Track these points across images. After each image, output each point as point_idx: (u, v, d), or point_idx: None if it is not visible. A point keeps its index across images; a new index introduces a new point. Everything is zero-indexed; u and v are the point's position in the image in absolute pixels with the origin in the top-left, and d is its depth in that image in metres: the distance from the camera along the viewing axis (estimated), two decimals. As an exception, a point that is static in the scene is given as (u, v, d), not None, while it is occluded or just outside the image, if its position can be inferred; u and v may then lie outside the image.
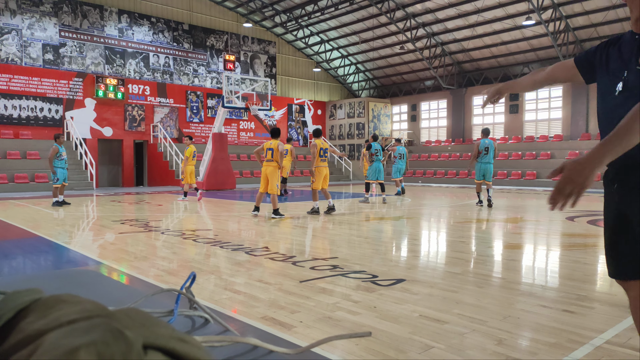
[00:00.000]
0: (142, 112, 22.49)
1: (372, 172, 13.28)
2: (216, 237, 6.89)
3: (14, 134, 19.19)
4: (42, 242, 6.59)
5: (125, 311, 0.39)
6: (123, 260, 5.23)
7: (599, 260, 5.37)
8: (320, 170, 9.86)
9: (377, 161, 13.25)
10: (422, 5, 22.19)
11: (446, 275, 4.48)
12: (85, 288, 1.06)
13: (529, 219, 9.15)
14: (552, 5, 19.63)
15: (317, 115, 30.12)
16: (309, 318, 3.18)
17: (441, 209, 11.51)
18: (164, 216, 10.05)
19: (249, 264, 4.95)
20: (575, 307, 3.40)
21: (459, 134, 26.25)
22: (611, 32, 20.43)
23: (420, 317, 3.18)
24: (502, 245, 6.40)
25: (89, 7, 21.20)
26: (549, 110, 23.39)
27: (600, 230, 7.50)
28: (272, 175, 9.14)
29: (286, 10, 25.04)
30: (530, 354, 2.60)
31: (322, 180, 9.86)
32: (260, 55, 27.26)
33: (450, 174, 23.88)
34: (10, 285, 0.97)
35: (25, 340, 0.35)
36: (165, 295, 1.15)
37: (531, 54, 23.21)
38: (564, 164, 1.51)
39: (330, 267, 4.78)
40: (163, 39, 23.38)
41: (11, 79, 19.18)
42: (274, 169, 9.15)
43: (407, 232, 7.68)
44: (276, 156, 9.12)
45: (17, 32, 19.41)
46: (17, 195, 15.53)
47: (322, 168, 9.90)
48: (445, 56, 25.29)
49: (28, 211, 10.62)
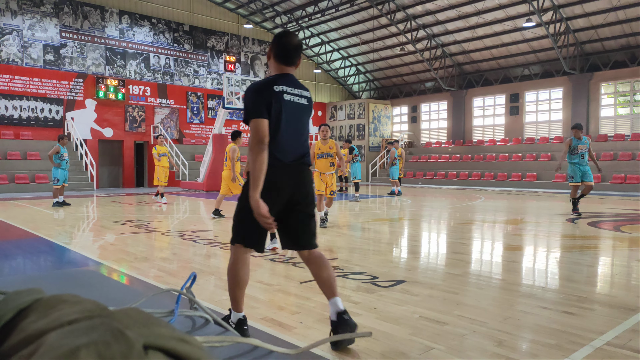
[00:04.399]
0: (142, 113, 22.50)
1: (354, 171, 15.18)
2: (216, 237, 6.88)
3: (14, 134, 19.19)
4: (43, 242, 6.59)
5: (126, 311, 0.39)
6: (123, 261, 5.23)
7: (599, 261, 5.37)
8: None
9: (357, 162, 15.24)
10: (423, 6, 22.21)
11: (446, 276, 4.48)
12: (86, 288, 1.06)
13: (529, 221, 9.14)
14: (553, 7, 19.63)
15: (317, 116, 30.12)
16: (309, 319, 3.18)
17: (441, 210, 11.50)
18: (165, 217, 10.05)
19: (249, 265, 4.95)
20: (576, 309, 3.40)
21: (460, 135, 26.25)
22: (611, 34, 20.45)
23: (421, 318, 3.18)
24: (503, 247, 6.39)
25: (90, 8, 21.22)
26: (550, 112, 23.39)
27: (600, 232, 7.50)
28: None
29: (287, 12, 25.06)
30: (530, 355, 2.60)
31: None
32: (261, 57, 27.27)
33: (451, 175, 23.88)
34: (10, 286, 0.97)
35: (26, 339, 0.35)
36: (166, 295, 1.15)
37: (531, 55, 23.21)
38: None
39: (330, 268, 4.77)
40: (164, 40, 23.40)
41: (12, 79, 19.20)
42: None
43: (407, 234, 7.68)
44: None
45: (18, 32, 19.43)
46: (17, 196, 15.54)
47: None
48: (446, 58, 25.30)
49: (28, 212, 10.62)
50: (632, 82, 20.90)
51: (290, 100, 2.70)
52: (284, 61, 2.76)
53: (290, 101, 2.69)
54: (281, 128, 2.66)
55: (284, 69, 2.77)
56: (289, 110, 2.68)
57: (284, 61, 2.76)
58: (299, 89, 2.77)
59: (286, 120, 2.67)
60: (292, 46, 2.76)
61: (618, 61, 21.18)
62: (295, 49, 2.77)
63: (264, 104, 2.61)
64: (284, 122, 2.66)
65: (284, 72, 2.77)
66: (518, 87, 24.06)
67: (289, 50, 2.74)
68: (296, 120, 2.74)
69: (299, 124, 2.77)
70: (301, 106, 2.77)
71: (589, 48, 21.70)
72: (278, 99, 2.64)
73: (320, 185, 8.12)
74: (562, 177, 20.18)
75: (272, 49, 2.79)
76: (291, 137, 2.72)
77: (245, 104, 2.67)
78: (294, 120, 2.72)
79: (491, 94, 25.15)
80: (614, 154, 19.86)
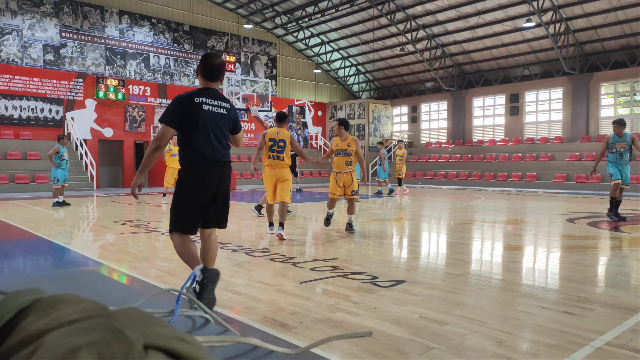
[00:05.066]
0: (142, 113, 22.50)
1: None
2: (216, 237, 6.88)
3: (14, 134, 19.20)
4: (43, 242, 6.59)
5: (126, 311, 0.39)
6: (123, 261, 5.23)
7: (599, 262, 5.37)
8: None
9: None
10: (423, 7, 22.21)
11: (446, 276, 4.48)
12: (86, 288, 1.06)
13: (529, 221, 9.14)
14: (552, 8, 19.64)
15: (317, 116, 30.13)
16: (309, 319, 3.18)
17: (441, 210, 11.50)
18: (165, 217, 10.06)
19: (250, 265, 4.95)
20: (576, 309, 3.40)
21: (459, 135, 26.26)
22: (611, 35, 20.45)
23: (421, 319, 3.18)
24: (503, 247, 6.39)
25: (90, 8, 21.22)
26: (549, 112, 23.40)
27: (600, 232, 7.50)
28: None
29: (287, 12, 25.06)
30: (530, 355, 2.60)
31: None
32: (261, 57, 27.28)
33: (451, 175, 23.88)
34: (10, 286, 0.97)
35: (26, 339, 0.35)
36: (166, 295, 1.15)
37: (531, 56, 23.22)
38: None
39: (330, 268, 4.78)
40: (164, 40, 23.40)
41: (12, 79, 19.20)
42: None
43: (407, 234, 7.68)
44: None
45: (18, 32, 19.43)
46: (17, 196, 15.54)
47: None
48: (446, 58, 25.31)
49: (28, 212, 10.62)
50: (632, 83, 20.91)
51: (209, 110, 3.33)
52: (207, 78, 3.41)
53: (209, 111, 3.33)
54: (200, 132, 3.29)
55: (208, 84, 3.43)
56: (208, 118, 3.32)
57: (208, 78, 3.41)
58: (219, 100, 3.42)
59: (205, 126, 3.31)
60: (215, 66, 3.39)
61: (618, 61, 21.19)
62: (217, 68, 3.40)
63: (180, 114, 3.28)
64: (202, 127, 3.30)
65: (208, 87, 3.42)
66: (518, 87, 24.06)
67: (212, 69, 3.39)
68: (215, 126, 3.37)
69: (218, 129, 3.39)
70: (220, 114, 3.40)
71: (589, 48, 21.70)
72: (197, 109, 3.28)
73: (334, 188, 7.36)
74: (562, 177, 20.18)
75: (198, 67, 3.41)
76: (211, 139, 3.35)
77: (167, 107, 3.33)
78: (213, 126, 3.35)
79: (491, 94, 25.16)
80: (613, 154, 19.84)
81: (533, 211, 11.26)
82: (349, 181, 7.33)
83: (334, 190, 7.39)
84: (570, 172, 20.31)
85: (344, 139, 7.36)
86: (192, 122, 3.27)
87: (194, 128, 3.27)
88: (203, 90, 3.38)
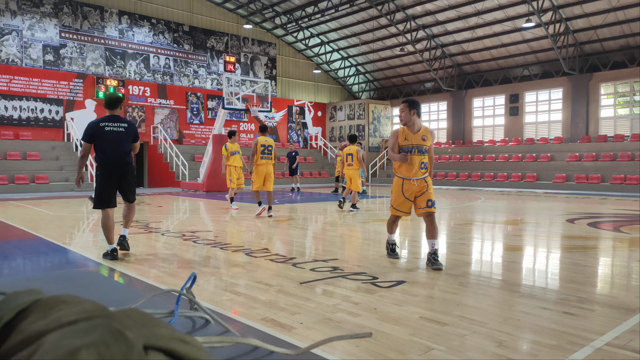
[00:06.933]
0: (142, 114, 22.50)
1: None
2: (216, 238, 6.88)
3: (14, 134, 19.20)
4: (42, 243, 6.59)
5: (126, 312, 0.39)
6: (123, 262, 5.23)
7: (599, 262, 5.37)
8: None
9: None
10: (422, 7, 22.22)
11: (446, 277, 4.47)
12: (86, 289, 1.05)
13: (529, 221, 9.15)
14: (552, 8, 19.65)
15: (317, 116, 30.13)
16: (309, 319, 3.18)
17: (441, 210, 11.50)
18: (164, 217, 10.05)
19: (249, 266, 4.95)
20: (576, 309, 3.40)
21: (459, 136, 26.27)
22: (611, 35, 20.47)
23: (421, 319, 3.18)
24: (503, 247, 6.40)
25: (90, 8, 21.23)
26: (549, 112, 23.41)
27: (600, 232, 7.50)
28: (355, 175, 10.81)
29: (286, 12, 25.07)
30: (530, 355, 2.60)
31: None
32: (261, 57, 27.28)
33: (451, 175, 23.88)
34: (10, 286, 0.97)
35: (25, 340, 0.35)
36: (166, 296, 1.15)
37: (531, 56, 23.23)
38: None
39: (330, 268, 4.77)
40: (163, 40, 23.40)
41: (11, 79, 19.20)
42: (355, 171, 10.80)
43: (407, 234, 7.67)
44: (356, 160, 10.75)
45: (18, 33, 19.43)
46: (17, 196, 15.54)
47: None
48: (445, 58, 25.32)
49: (28, 212, 10.62)
50: (631, 83, 20.92)
51: (111, 130, 5.21)
52: (108, 108, 5.30)
53: (110, 130, 5.20)
54: (105, 144, 5.19)
55: (110, 111, 5.30)
56: (110, 135, 5.19)
57: (109, 108, 5.31)
58: (119, 122, 5.27)
59: (108, 140, 5.19)
60: (112, 101, 5.29)
61: (617, 62, 21.20)
62: (114, 102, 5.29)
63: (92, 134, 5.18)
64: (107, 141, 5.18)
65: (110, 114, 5.28)
66: (518, 87, 24.07)
67: (110, 103, 5.30)
68: (117, 139, 5.23)
69: (118, 141, 5.23)
70: (119, 132, 5.24)
71: (589, 49, 21.72)
72: (102, 129, 5.19)
73: (401, 203, 5.08)
74: (562, 178, 20.18)
75: (103, 102, 5.25)
76: (113, 148, 5.22)
77: (84, 130, 5.26)
78: (115, 139, 5.21)
79: (491, 95, 25.17)
80: (613, 154, 19.87)
81: (533, 211, 11.26)
82: (421, 189, 5.02)
83: (401, 205, 5.09)
84: (570, 173, 20.31)
85: (416, 130, 5.15)
86: (100, 138, 5.17)
87: (102, 142, 5.18)
88: (106, 117, 5.27)
